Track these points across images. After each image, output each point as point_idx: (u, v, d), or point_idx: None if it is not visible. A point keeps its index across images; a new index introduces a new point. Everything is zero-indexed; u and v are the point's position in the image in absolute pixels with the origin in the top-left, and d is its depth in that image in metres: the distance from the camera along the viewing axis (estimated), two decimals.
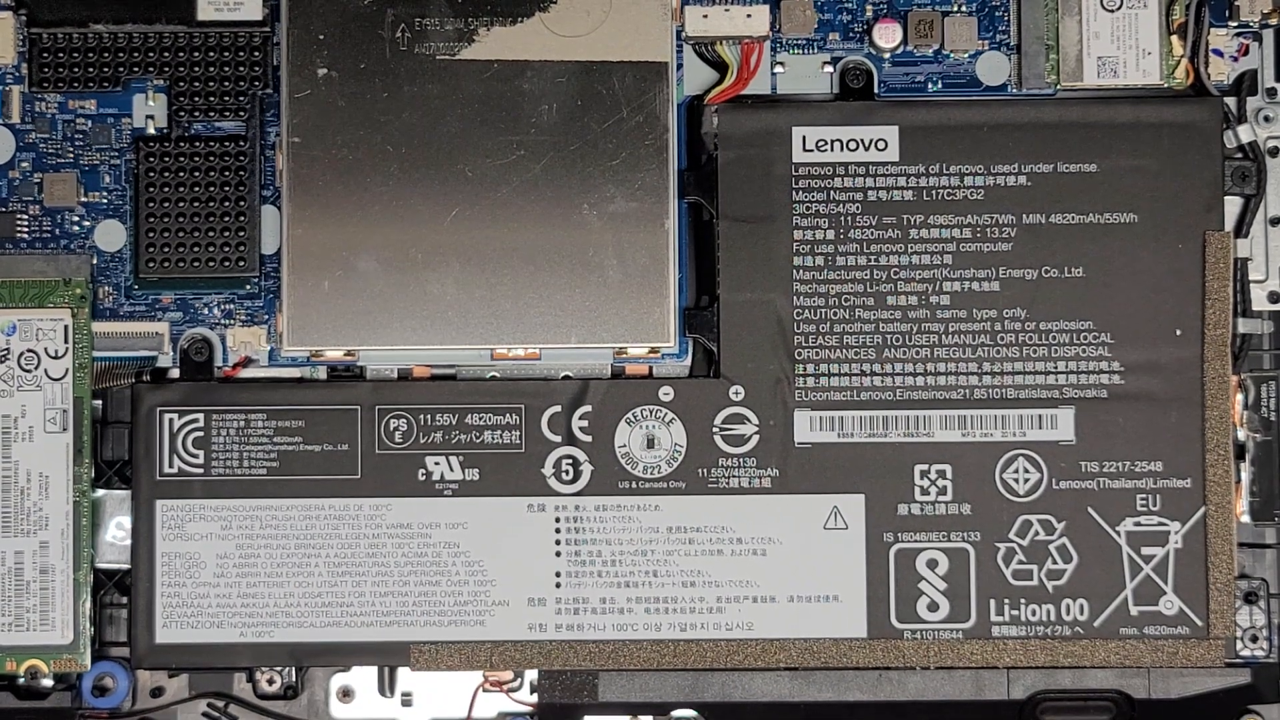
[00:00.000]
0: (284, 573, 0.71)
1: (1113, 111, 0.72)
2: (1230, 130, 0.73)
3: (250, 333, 0.73)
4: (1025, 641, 0.71)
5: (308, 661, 0.72)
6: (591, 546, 0.71)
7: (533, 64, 0.71)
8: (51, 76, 0.73)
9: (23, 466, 0.71)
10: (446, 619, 0.71)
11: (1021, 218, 0.72)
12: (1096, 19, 0.73)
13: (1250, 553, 0.73)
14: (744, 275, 0.72)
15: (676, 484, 0.71)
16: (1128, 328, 0.71)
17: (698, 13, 0.72)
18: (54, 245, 0.73)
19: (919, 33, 0.73)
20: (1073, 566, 0.71)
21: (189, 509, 0.71)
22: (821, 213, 0.72)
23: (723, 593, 0.71)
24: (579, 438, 0.72)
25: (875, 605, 0.71)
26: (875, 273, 0.72)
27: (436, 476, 0.71)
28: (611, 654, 0.71)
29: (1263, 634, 0.73)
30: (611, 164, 0.71)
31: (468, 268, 0.71)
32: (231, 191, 0.72)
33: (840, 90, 0.74)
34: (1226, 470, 0.71)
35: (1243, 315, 0.72)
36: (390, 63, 0.71)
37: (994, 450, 0.71)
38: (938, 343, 0.72)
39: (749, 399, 0.72)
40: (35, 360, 0.72)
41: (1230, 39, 0.74)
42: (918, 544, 0.71)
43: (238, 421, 0.72)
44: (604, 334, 0.71)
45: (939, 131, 0.72)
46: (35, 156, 0.73)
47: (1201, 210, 0.71)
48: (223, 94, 0.73)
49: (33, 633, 0.71)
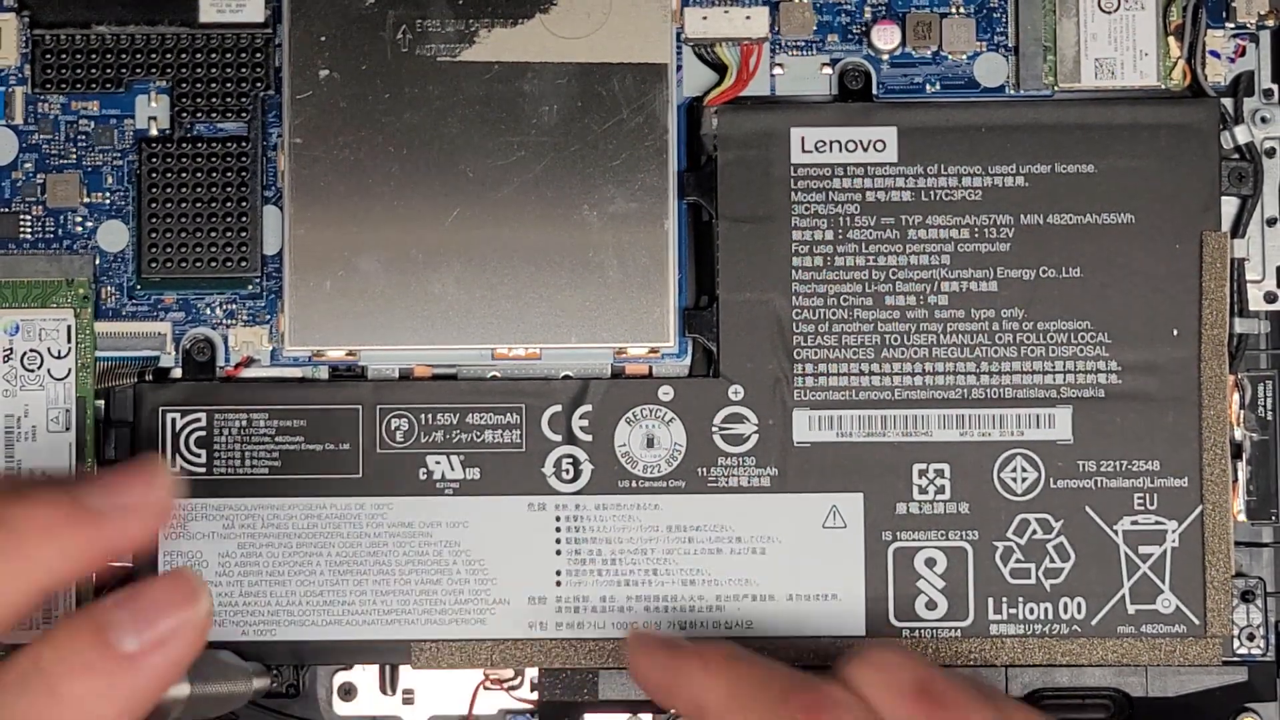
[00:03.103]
0: (286, 571, 0.71)
1: (1110, 112, 0.72)
2: (1227, 131, 0.73)
3: (252, 333, 0.73)
4: (1023, 639, 0.71)
5: (309, 660, 0.72)
6: (591, 545, 0.72)
7: (533, 65, 0.71)
8: (54, 78, 0.73)
9: (26, 466, 0.72)
10: (447, 617, 0.71)
11: (1019, 218, 0.72)
12: (1094, 20, 0.73)
13: (1247, 551, 0.73)
14: (743, 275, 0.72)
15: (676, 483, 0.72)
16: (1125, 328, 0.72)
17: (697, 14, 0.73)
18: (57, 246, 0.73)
19: (917, 34, 0.74)
20: (1070, 565, 0.71)
21: (191, 508, 0.72)
22: (820, 213, 0.72)
23: (722, 591, 0.71)
24: (579, 437, 0.72)
25: (874, 604, 0.71)
26: (874, 273, 0.72)
27: (437, 476, 0.72)
28: (612, 652, 0.71)
29: (1259, 632, 0.73)
30: (612, 165, 0.71)
31: (469, 268, 0.71)
32: (233, 192, 0.73)
33: (839, 91, 0.74)
34: (1223, 469, 0.71)
35: (1239, 315, 0.73)
36: (391, 64, 0.71)
37: (992, 449, 0.72)
38: (936, 343, 0.72)
39: (748, 398, 0.72)
40: (38, 360, 0.72)
41: (1227, 40, 0.74)
42: (916, 543, 0.72)
43: (240, 421, 0.72)
44: (604, 334, 0.71)
45: (937, 132, 0.72)
46: (38, 157, 0.74)
47: (1198, 211, 0.72)
48: (225, 95, 0.73)
49: (36, 631, 0.71)
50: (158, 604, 0.55)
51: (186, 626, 0.55)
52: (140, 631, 0.54)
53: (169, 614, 0.55)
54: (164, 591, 0.55)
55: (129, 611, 0.54)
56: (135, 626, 0.54)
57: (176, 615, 0.55)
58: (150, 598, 0.55)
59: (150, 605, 0.54)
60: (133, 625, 0.54)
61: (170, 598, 0.55)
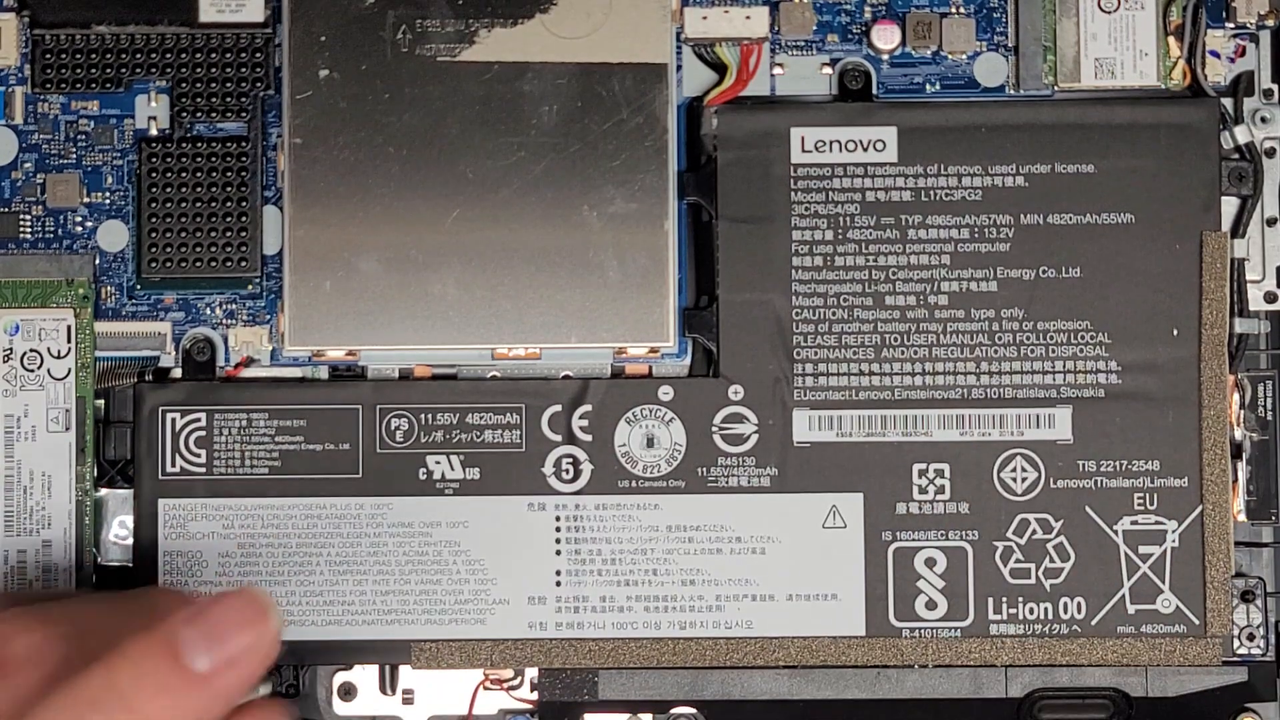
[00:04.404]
0: (285, 571, 0.71)
1: (1110, 112, 0.72)
2: (1227, 131, 0.73)
3: (252, 333, 0.73)
4: (1023, 639, 0.71)
5: (309, 659, 0.72)
6: (591, 545, 0.72)
7: (533, 65, 0.71)
8: (54, 78, 0.73)
9: (25, 466, 0.72)
10: (447, 617, 0.71)
11: (1019, 218, 0.72)
12: (1094, 20, 0.73)
13: (1247, 551, 0.73)
14: (743, 275, 0.72)
15: (676, 483, 0.72)
16: (1125, 327, 0.72)
17: (697, 14, 0.73)
18: (57, 245, 0.73)
19: (917, 34, 0.74)
20: (1070, 565, 0.71)
21: (191, 508, 0.72)
22: (820, 213, 0.72)
23: (722, 591, 0.71)
24: (579, 437, 0.72)
25: (874, 604, 0.71)
26: (874, 273, 0.72)
27: (437, 475, 0.72)
28: (611, 652, 0.72)
29: (1259, 632, 0.73)
30: (611, 165, 0.71)
31: (468, 268, 0.71)
32: (233, 192, 0.73)
33: (839, 91, 0.74)
34: (1223, 469, 0.71)
35: (1239, 315, 0.73)
36: (391, 64, 0.71)
37: (992, 449, 0.72)
38: (936, 342, 0.72)
39: (748, 398, 0.72)
40: (38, 360, 0.72)
41: (1227, 40, 0.74)
42: (916, 543, 0.72)
43: (239, 421, 0.72)
44: (604, 334, 0.71)
45: (937, 132, 0.72)
46: (38, 157, 0.74)
47: (1198, 210, 0.72)
48: (225, 95, 0.73)
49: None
50: (229, 623, 0.55)
51: (257, 646, 0.55)
52: (212, 651, 0.54)
53: (240, 634, 0.55)
54: (235, 611, 0.55)
55: (201, 631, 0.55)
56: (208, 646, 0.54)
57: (247, 635, 0.55)
58: (221, 616, 0.55)
59: (221, 624, 0.55)
60: (205, 645, 0.54)
61: (242, 617, 0.55)
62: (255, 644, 0.55)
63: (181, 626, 0.55)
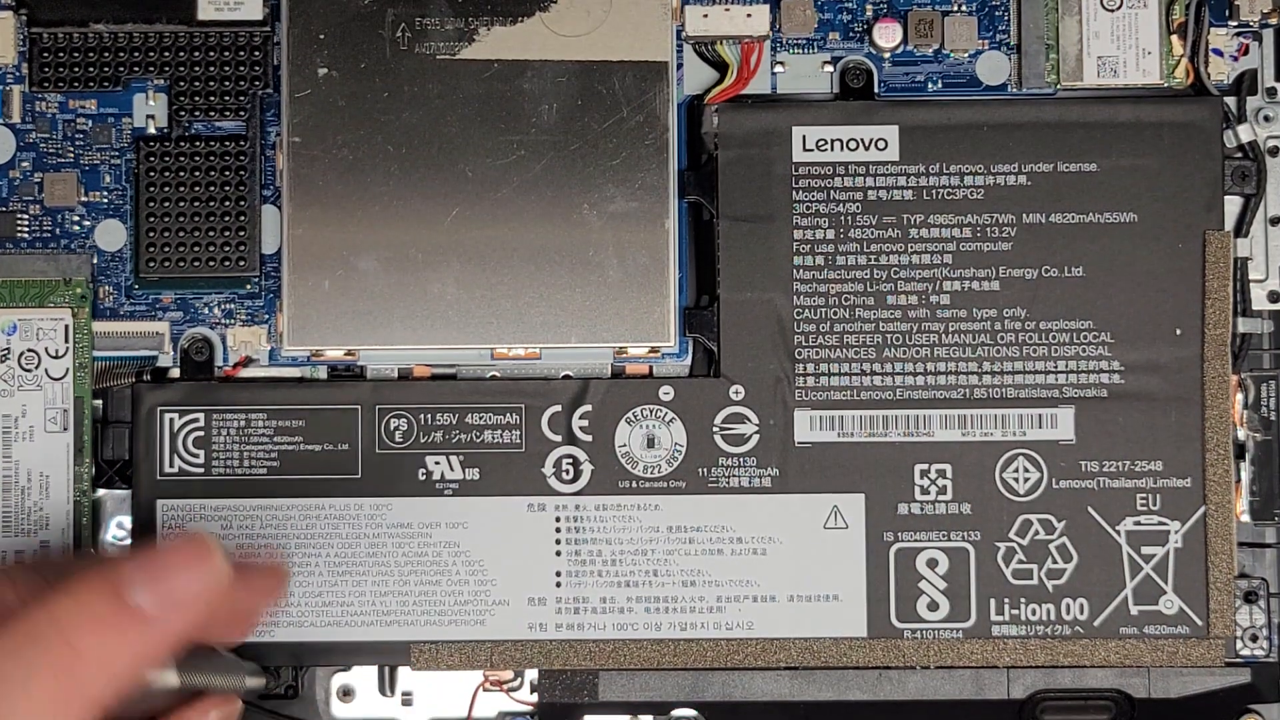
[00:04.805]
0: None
1: (1113, 111, 0.72)
2: (1230, 130, 0.73)
3: (251, 332, 0.73)
4: (1025, 641, 0.71)
5: (308, 661, 0.72)
6: (592, 546, 0.71)
7: (533, 64, 0.71)
8: (52, 76, 0.73)
9: (23, 466, 0.71)
10: (447, 618, 0.71)
11: (1021, 217, 0.72)
12: (1096, 19, 0.73)
13: (1250, 552, 0.73)
14: (744, 275, 0.72)
15: (676, 483, 0.71)
16: (1128, 327, 0.71)
17: (698, 12, 0.72)
18: (54, 245, 0.73)
19: (919, 32, 0.73)
20: (1073, 566, 0.71)
21: (189, 508, 0.71)
22: (821, 212, 0.72)
23: (723, 592, 0.71)
24: (579, 437, 0.72)
25: (875, 605, 0.71)
26: (875, 272, 0.72)
27: (437, 476, 0.71)
28: (612, 653, 0.71)
29: (1263, 633, 0.73)
30: (612, 164, 0.71)
31: (468, 268, 0.71)
32: (232, 191, 0.72)
33: (840, 90, 0.74)
34: (1226, 470, 0.71)
35: (1243, 315, 0.73)
36: (390, 62, 0.71)
37: (994, 450, 0.71)
38: (938, 342, 0.72)
39: (749, 398, 0.72)
40: (36, 360, 0.72)
41: (1230, 39, 0.74)
42: (918, 543, 0.71)
43: (238, 421, 0.72)
44: (604, 334, 0.71)
45: (939, 131, 0.72)
46: (36, 156, 0.73)
47: (1201, 210, 0.72)
48: (223, 94, 0.73)
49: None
50: (172, 563, 0.56)
51: (201, 585, 0.56)
52: (154, 588, 0.56)
53: (183, 573, 0.56)
54: (179, 552, 0.57)
55: (144, 569, 0.56)
56: (150, 584, 0.56)
57: (191, 574, 0.56)
58: (165, 557, 0.56)
59: (165, 564, 0.56)
60: (147, 582, 0.56)
61: (185, 557, 0.56)
62: (199, 583, 0.56)
63: (125, 565, 0.56)
